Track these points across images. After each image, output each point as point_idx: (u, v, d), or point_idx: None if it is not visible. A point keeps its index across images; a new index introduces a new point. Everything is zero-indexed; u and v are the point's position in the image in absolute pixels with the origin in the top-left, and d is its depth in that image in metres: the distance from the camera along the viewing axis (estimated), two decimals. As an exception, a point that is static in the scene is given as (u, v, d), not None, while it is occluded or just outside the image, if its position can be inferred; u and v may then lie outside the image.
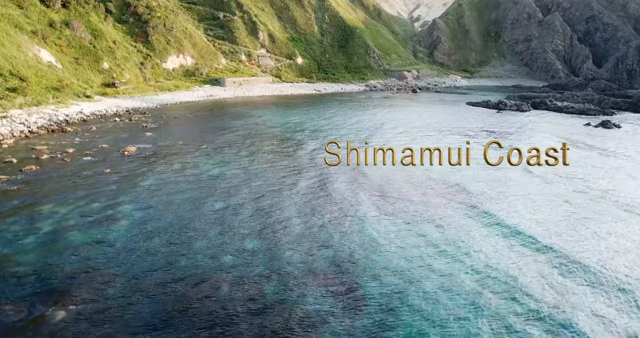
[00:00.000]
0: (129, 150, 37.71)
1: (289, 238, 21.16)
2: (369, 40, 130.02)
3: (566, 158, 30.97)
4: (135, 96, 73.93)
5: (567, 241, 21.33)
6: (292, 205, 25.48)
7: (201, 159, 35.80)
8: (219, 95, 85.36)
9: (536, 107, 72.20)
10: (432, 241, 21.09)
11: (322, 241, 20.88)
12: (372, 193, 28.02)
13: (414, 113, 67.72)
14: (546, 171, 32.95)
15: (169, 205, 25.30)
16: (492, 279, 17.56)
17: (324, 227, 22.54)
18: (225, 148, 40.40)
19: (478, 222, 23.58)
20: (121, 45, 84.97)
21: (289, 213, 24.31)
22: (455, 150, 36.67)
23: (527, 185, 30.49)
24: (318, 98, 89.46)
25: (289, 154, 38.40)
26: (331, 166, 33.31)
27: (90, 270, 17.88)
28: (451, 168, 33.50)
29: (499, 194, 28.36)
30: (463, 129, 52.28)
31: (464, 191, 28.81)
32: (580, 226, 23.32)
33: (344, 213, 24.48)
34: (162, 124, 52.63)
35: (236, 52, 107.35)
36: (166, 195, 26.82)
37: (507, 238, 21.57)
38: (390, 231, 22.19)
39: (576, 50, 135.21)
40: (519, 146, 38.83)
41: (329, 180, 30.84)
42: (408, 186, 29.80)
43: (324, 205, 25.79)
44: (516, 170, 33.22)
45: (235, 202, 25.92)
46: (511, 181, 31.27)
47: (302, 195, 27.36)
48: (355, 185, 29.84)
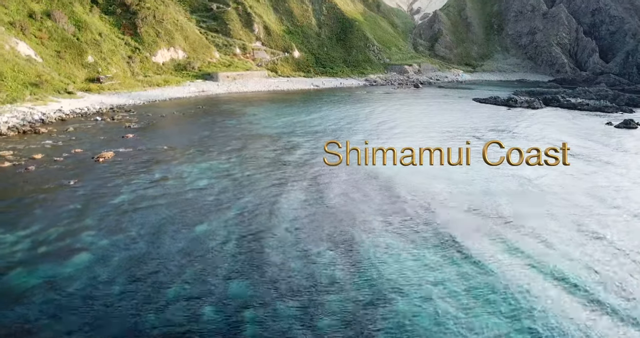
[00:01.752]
0: (104, 157, 33.35)
1: (285, 280, 16.96)
2: (368, 33, 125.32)
3: (566, 158, 27.74)
4: (122, 92, 69.36)
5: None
6: (288, 232, 21.22)
7: (186, 167, 31.49)
8: (211, 91, 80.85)
9: (548, 103, 68.07)
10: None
11: (326, 285, 16.66)
12: (382, 214, 23.82)
13: (419, 111, 63.44)
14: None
15: (142, 229, 21.05)
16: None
17: (328, 264, 18.32)
18: (214, 152, 36.09)
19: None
20: (108, 38, 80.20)
21: (283, 242, 20.04)
22: (464, 151, 32.43)
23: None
24: (316, 94, 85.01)
25: (284, 161, 34.09)
26: (331, 166, 29.51)
27: (32, 330, 13.67)
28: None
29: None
30: (473, 129, 48.07)
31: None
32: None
33: (349, 245, 20.27)
34: (147, 124, 48.19)
35: (230, 45, 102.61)
36: (140, 216, 22.56)
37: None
38: (410, 276, 18.03)
39: (582, 43, 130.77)
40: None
41: (329, 194, 26.59)
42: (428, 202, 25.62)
43: (325, 231, 21.54)
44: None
45: (220, 225, 21.67)
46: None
47: (299, 218, 23.09)
48: (360, 202, 25.61)
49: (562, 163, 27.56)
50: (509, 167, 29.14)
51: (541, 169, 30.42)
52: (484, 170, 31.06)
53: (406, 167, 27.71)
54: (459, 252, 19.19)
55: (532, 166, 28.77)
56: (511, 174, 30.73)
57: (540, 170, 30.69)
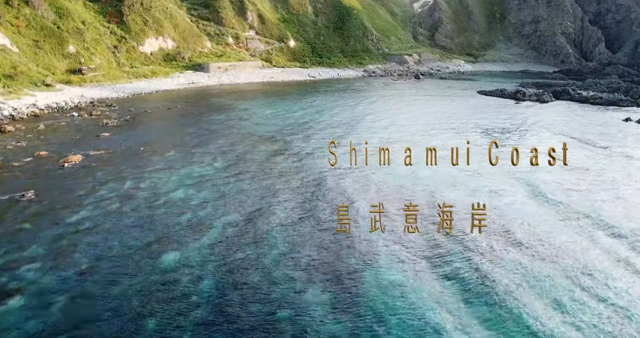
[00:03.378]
0: (71, 161, 29.36)
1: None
2: (367, 21, 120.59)
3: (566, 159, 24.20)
4: (105, 84, 65.06)
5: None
6: (278, 269, 17.31)
7: (163, 174, 27.54)
8: (201, 83, 76.51)
9: (558, 96, 64.08)
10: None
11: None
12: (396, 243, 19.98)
13: (422, 105, 59.46)
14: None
15: (98, 260, 17.18)
16: None
17: (330, 314, 14.52)
18: (198, 155, 32.14)
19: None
20: (91, 26, 75.62)
21: (270, 288, 16.12)
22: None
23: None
24: (312, 85, 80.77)
25: (277, 167, 30.14)
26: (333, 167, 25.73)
27: None
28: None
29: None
30: (483, 125, 44.16)
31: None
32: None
33: (357, 278, 16.47)
34: (127, 120, 44.11)
35: (222, 34, 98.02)
36: (98, 241, 18.68)
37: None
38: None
39: (588, 32, 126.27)
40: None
41: (326, 209, 22.72)
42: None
43: (328, 270, 17.73)
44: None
45: (194, 255, 17.79)
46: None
47: (295, 249, 19.23)
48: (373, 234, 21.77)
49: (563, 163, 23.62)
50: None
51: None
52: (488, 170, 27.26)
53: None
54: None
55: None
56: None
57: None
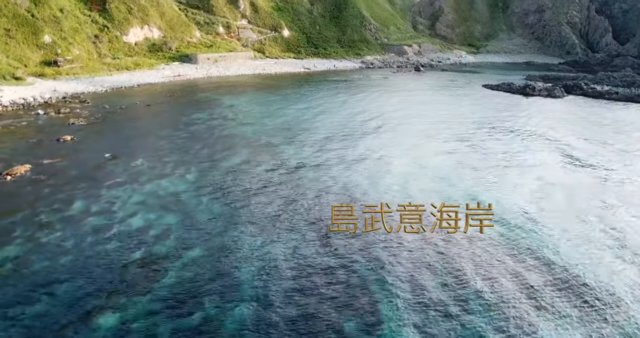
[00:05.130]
0: (16, 173, 24.87)
1: None
2: (365, 10, 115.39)
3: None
4: (82, 77, 60.23)
5: None
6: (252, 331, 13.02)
7: (124, 191, 23.10)
8: (188, 75, 71.65)
9: (570, 91, 59.70)
10: None
11: None
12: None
13: (424, 102, 54.86)
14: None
15: (20, 321, 12.84)
16: None
17: None
18: (170, 164, 27.67)
19: None
20: (70, 14, 70.52)
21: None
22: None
23: None
24: (306, 78, 75.97)
25: (259, 182, 25.71)
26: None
27: None
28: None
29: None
30: (495, 130, 39.82)
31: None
32: None
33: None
34: (97, 120, 39.49)
35: (213, 23, 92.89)
36: (30, 284, 14.40)
37: None
38: None
39: (594, 22, 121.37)
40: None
41: (320, 256, 18.41)
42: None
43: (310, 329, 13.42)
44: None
45: (140, 315, 13.47)
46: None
47: (270, 302, 14.91)
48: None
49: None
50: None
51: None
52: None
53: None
54: None
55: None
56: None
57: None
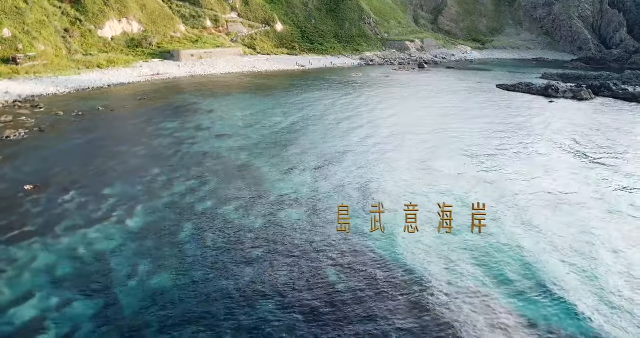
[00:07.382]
0: None
1: None
2: (364, 3, 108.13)
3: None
4: (45, 77, 53.07)
5: None
6: None
7: (27, 251, 16.11)
8: (169, 74, 64.48)
9: (597, 92, 52.75)
10: None
11: None
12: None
13: (432, 105, 47.82)
14: None
15: None
16: None
17: None
18: (109, 202, 20.56)
19: None
20: (37, 6, 63.21)
21: None
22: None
23: None
24: (300, 77, 68.84)
25: (231, 230, 18.71)
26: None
27: None
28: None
29: None
30: (524, 142, 32.89)
31: None
32: None
33: None
34: (40, 131, 32.32)
35: (199, 16, 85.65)
36: None
37: None
38: None
39: (607, 16, 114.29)
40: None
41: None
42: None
43: None
44: None
45: None
46: None
47: None
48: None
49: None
50: None
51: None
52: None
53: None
54: None
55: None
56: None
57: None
